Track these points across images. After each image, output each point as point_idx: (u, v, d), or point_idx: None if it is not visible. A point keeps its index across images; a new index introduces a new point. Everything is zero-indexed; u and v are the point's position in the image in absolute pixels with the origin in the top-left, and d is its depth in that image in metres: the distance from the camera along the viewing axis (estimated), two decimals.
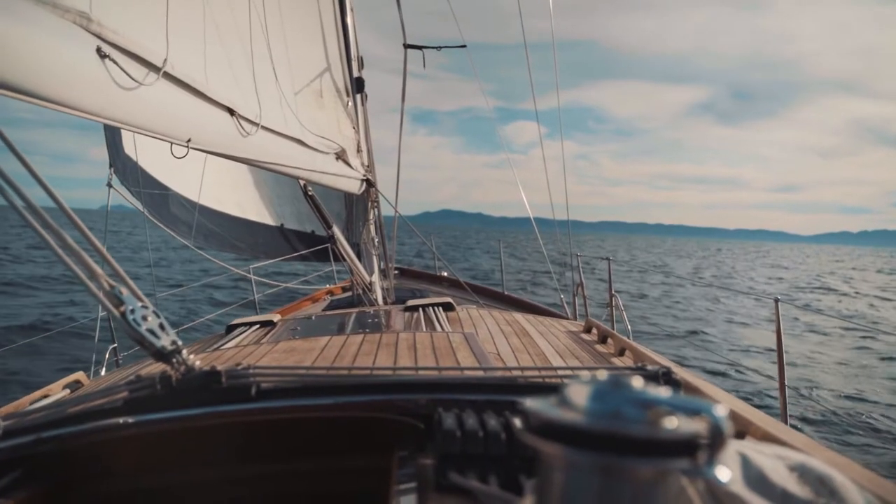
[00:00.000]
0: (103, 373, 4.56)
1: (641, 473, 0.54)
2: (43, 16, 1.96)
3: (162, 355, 1.42)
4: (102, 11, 2.22)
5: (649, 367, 1.51)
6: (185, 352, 1.45)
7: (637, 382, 0.58)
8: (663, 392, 0.57)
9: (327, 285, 8.21)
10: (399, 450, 1.36)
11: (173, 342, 1.44)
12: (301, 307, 6.75)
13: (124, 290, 1.45)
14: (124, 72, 2.23)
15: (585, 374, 0.60)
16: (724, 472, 0.55)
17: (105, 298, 1.43)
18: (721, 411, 0.55)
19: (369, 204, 6.51)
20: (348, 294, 6.73)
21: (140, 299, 1.48)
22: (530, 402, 0.59)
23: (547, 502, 0.58)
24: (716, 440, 0.55)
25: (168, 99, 2.63)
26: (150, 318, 1.45)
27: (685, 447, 0.54)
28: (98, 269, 1.46)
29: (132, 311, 1.42)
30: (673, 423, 0.55)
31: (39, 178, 1.54)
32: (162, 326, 1.46)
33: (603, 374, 0.60)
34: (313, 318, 4.36)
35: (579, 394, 0.58)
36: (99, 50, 2.15)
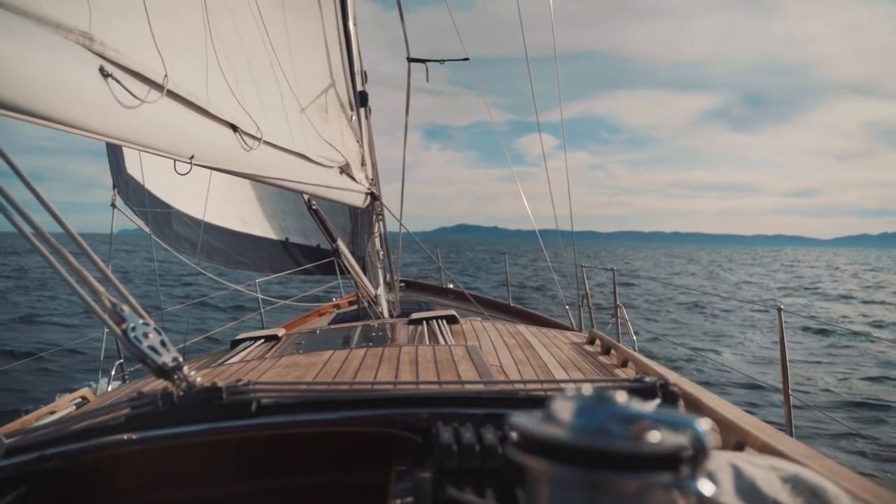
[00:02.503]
0: (110, 388, 4.58)
1: (625, 487, 0.55)
2: (46, 36, 1.99)
3: (163, 372, 1.43)
4: (105, 31, 2.25)
5: (647, 380, 1.51)
6: (186, 368, 1.45)
7: (621, 397, 0.59)
8: (649, 406, 0.58)
9: (334, 298, 8.22)
10: (398, 464, 1.36)
11: (174, 359, 1.45)
12: (307, 321, 6.75)
13: (126, 308, 1.47)
14: (127, 90, 2.26)
15: (571, 388, 0.61)
16: (707, 486, 0.55)
17: (107, 316, 1.44)
18: (704, 425, 0.56)
19: (374, 217, 6.52)
20: (354, 307, 6.74)
21: (142, 316, 1.49)
22: (516, 418, 0.60)
23: None
24: (698, 453, 0.56)
25: (171, 116, 2.65)
26: (151, 335, 1.46)
27: (668, 461, 0.55)
28: (100, 288, 1.47)
29: (133, 329, 1.43)
30: (656, 438, 0.56)
31: (42, 198, 1.55)
32: (163, 343, 1.47)
33: (588, 389, 0.60)
34: (317, 332, 4.37)
35: (564, 409, 0.59)
36: (102, 69, 2.17)
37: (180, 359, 1.46)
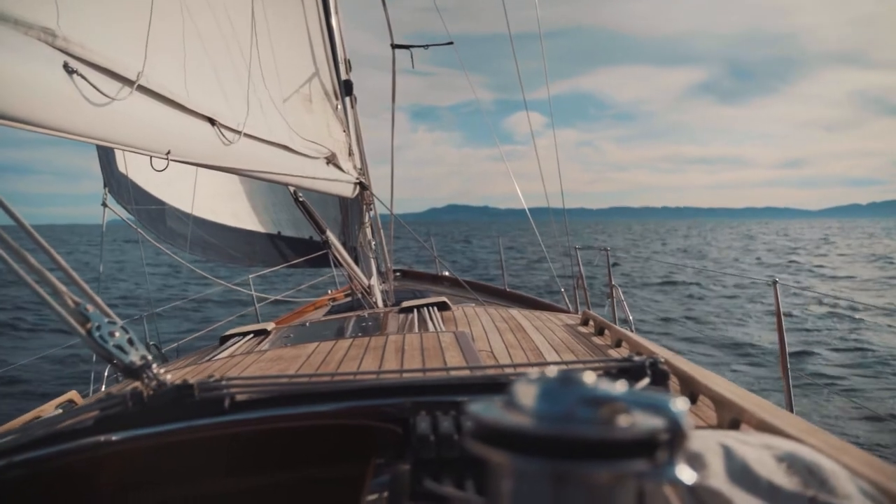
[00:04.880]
0: (103, 389, 4.53)
1: (596, 478, 0.50)
2: (4, 33, 1.93)
3: (131, 371, 1.38)
4: (69, 27, 2.18)
5: (636, 359, 1.45)
6: (155, 366, 1.40)
7: (589, 378, 0.53)
8: (620, 387, 0.52)
9: (329, 291, 8.18)
10: (377, 457, 1.31)
11: (143, 357, 1.40)
12: (302, 314, 6.71)
13: (90, 307, 1.41)
14: (94, 87, 2.19)
15: (534, 371, 0.55)
16: (687, 472, 0.50)
17: (70, 317, 1.39)
18: (680, 405, 0.51)
19: (363, 207, 6.47)
20: (349, 299, 6.70)
21: (107, 315, 1.44)
22: (473, 406, 0.54)
23: None
24: (675, 437, 0.50)
25: (144, 112, 2.59)
26: (117, 334, 1.41)
27: (642, 447, 0.49)
28: (62, 287, 1.42)
29: (98, 328, 1.38)
30: (628, 421, 0.51)
31: None
32: (131, 341, 1.42)
33: (553, 371, 0.55)
34: (307, 324, 4.33)
35: (527, 394, 0.54)
36: (66, 66, 2.11)
37: (149, 357, 1.41)
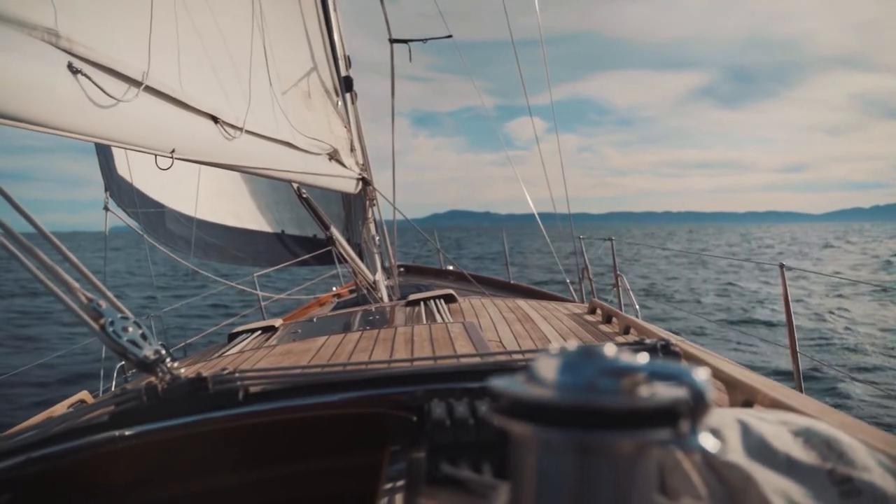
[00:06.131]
0: (114, 388, 4.53)
1: (619, 448, 0.50)
2: (8, 34, 1.93)
3: (145, 365, 1.39)
4: (73, 27, 2.18)
5: (647, 341, 1.46)
6: (168, 360, 1.41)
7: (610, 350, 0.53)
8: (641, 358, 0.53)
9: (334, 288, 8.18)
10: (392, 445, 1.32)
11: (156, 351, 1.41)
12: (307, 311, 6.71)
13: (103, 303, 1.42)
14: (98, 87, 2.19)
15: (555, 346, 0.56)
16: (711, 440, 0.50)
17: (83, 312, 1.39)
18: (701, 375, 0.51)
19: (367, 203, 6.47)
20: (354, 295, 6.70)
21: (120, 310, 1.45)
22: (495, 381, 0.55)
23: (522, 488, 0.54)
24: (698, 406, 0.51)
25: (149, 112, 2.59)
26: (131, 329, 1.41)
27: (665, 416, 0.50)
28: (74, 284, 1.43)
29: (112, 323, 1.39)
30: (650, 391, 0.51)
31: (8, 195, 1.50)
32: (144, 336, 1.43)
33: (573, 346, 0.55)
34: (314, 319, 4.33)
35: (548, 368, 0.54)
36: (70, 66, 2.11)
37: (162, 351, 1.41)
